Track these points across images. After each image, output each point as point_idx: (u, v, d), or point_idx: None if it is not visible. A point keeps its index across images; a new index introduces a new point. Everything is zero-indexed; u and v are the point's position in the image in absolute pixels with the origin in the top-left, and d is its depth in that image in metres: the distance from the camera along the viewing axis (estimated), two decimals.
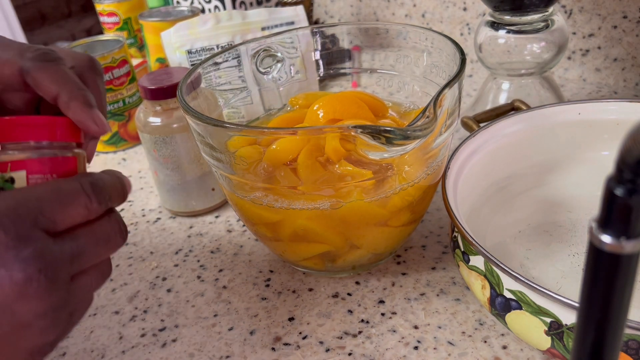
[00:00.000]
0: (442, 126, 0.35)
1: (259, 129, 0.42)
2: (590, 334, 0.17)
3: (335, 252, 0.39)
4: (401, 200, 0.37)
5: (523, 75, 0.56)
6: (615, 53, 0.65)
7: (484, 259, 0.32)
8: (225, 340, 0.38)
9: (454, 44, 0.39)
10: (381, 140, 0.30)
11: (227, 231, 0.50)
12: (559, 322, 0.29)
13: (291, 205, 0.36)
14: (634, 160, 0.14)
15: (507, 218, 0.43)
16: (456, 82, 0.35)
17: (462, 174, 0.40)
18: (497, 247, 0.40)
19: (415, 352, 0.36)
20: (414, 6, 0.77)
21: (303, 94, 0.49)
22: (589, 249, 0.16)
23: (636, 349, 0.27)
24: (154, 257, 0.48)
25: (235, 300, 0.42)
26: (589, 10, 0.64)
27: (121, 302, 0.43)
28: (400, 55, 0.46)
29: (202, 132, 0.36)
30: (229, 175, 0.37)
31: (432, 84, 0.44)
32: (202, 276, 0.45)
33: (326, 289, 0.42)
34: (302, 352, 0.37)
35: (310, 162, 0.36)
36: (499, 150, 0.43)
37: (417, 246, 0.45)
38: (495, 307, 0.33)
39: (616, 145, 0.14)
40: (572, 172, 0.45)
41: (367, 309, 0.39)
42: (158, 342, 0.39)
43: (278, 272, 0.44)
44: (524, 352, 0.35)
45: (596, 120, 0.44)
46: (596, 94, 0.65)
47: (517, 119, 0.44)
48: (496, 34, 0.55)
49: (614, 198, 0.14)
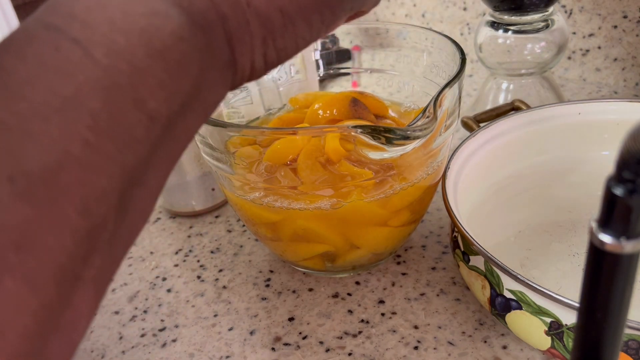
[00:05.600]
0: (442, 126, 0.35)
1: (259, 129, 0.42)
2: (590, 334, 0.17)
3: (335, 252, 0.39)
4: (401, 200, 0.37)
5: (523, 75, 0.56)
6: (615, 53, 0.65)
7: (484, 259, 0.32)
8: (225, 340, 0.38)
9: (454, 44, 0.39)
10: (381, 140, 0.30)
11: (227, 231, 0.50)
12: (559, 322, 0.29)
13: (291, 205, 0.36)
14: (634, 160, 0.14)
15: (507, 218, 0.43)
16: (456, 82, 0.35)
17: (462, 174, 0.40)
18: (497, 247, 0.40)
19: (416, 352, 0.36)
20: (414, 6, 0.77)
21: (303, 94, 0.49)
22: (589, 249, 0.16)
23: (636, 349, 0.27)
24: (154, 257, 0.48)
25: (235, 300, 0.42)
26: (589, 10, 0.64)
27: (121, 302, 0.43)
28: (400, 55, 0.46)
29: (202, 132, 0.36)
30: (229, 175, 0.37)
31: (432, 84, 0.44)
32: (202, 276, 0.45)
33: (326, 289, 0.42)
34: (302, 352, 0.37)
35: (310, 162, 0.36)
36: (499, 150, 0.43)
37: (417, 246, 0.45)
38: (495, 307, 0.33)
39: (616, 145, 0.14)
40: (572, 172, 0.45)
41: (367, 309, 0.39)
42: (158, 342, 0.39)
43: (278, 272, 0.44)
44: (524, 352, 0.35)
45: (596, 120, 0.44)
46: (596, 94, 0.65)
47: (517, 119, 0.44)
48: (496, 34, 0.55)
49: (614, 198, 0.14)
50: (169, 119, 0.18)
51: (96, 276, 0.17)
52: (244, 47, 0.22)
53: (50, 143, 0.15)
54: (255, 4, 0.22)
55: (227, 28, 0.21)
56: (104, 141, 0.16)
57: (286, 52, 0.24)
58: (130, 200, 0.18)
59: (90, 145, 0.16)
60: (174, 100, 0.19)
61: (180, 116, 0.19)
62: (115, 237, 0.17)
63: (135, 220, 0.19)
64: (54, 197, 0.15)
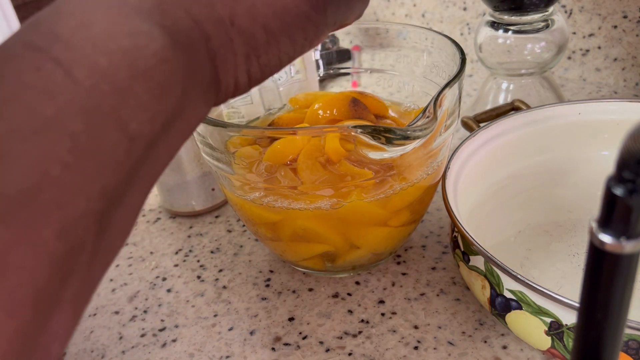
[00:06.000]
0: (442, 126, 0.35)
1: (259, 129, 0.42)
2: (590, 334, 0.17)
3: (335, 252, 0.39)
4: (401, 200, 0.37)
5: (523, 75, 0.56)
6: (615, 53, 0.65)
7: (484, 259, 0.32)
8: (225, 340, 0.38)
9: (454, 44, 0.39)
10: (381, 140, 0.30)
11: (227, 231, 0.50)
12: (559, 322, 0.29)
13: (291, 205, 0.36)
14: (634, 160, 0.14)
15: (507, 218, 0.43)
16: (456, 82, 0.35)
17: (462, 174, 0.40)
18: (497, 247, 0.40)
19: (416, 352, 0.36)
20: (414, 6, 0.77)
21: (303, 94, 0.49)
22: (589, 249, 0.16)
23: (636, 349, 0.27)
24: (154, 257, 0.48)
25: (235, 300, 0.42)
26: (589, 10, 0.64)
27: (121, 302, 0.43)
28: (400, 55, 0.46)
29: (202, 132, 0.36)
30: (229, 175, 0.37)
31: (432, 84, 0.44)
32: (202, 276, 0.45)
33: (326, 289, 0.42)
34: (302, 352, 0.37)
35: (310, 162, 0.36)
36: (499, 150, 0.43)
37: (417, 246, 0.45)
38: (495, 307, 0.33)
39: (616, 145, 0.14)
40: (572, 172, 0.45)
41: (367, 309, 0.39)
42: (158, 342, 0.39)
43: (278, 272, 0.44)
44: (524, 352, 0.35)
45: (596, 120, 0.44)
46: (596, 94, 0.65)
47: (517, 119, 0.44)
48: (496, 34, 0.55)
49: (614, 198, 0.14)
50: (150, 139, 0.18)
51: (74, 298, 0.17)
52: (228, 65, 0.22)
53: (29, 164, 0.15)
54: (239, 22, 0.22)
55: (210, 47, 0.21)
56: (84, 163, 0.16)
57: (270, 68, 0.24)
58: (110, 221, 0.17)
59: (70, 167, 0.16)
60: (156, 121, 0.18)
61: (162, 136, 0.19)
62: (93, 258, 0.17)
63: (114, 240, 0.18)
64: (31, 220, 0.15)
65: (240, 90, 0.23)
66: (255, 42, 0.22)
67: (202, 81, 0.21)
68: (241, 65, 0.22)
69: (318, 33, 0.25)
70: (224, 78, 0.22)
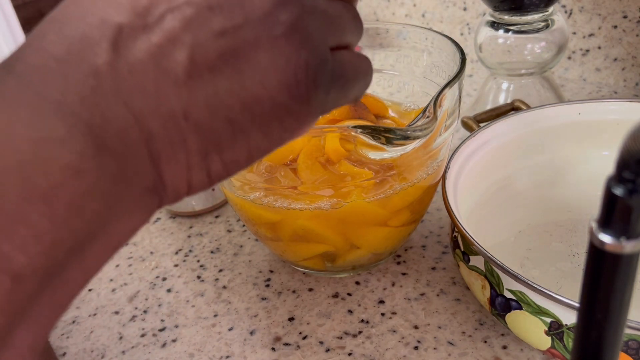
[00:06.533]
0: (442, 126, 0.35)
1: None
2: (590, 334, 0.17)
3: (335, 252, 0.39)
4: (401, 200, 0.37)
5: (523, 75, 0.56)
6: (615, 53, 0.65)
7: (484, 259, 0.32)
8: (225, 340, 0.38)
9: (454, 44, 0.39)
10: (381, 140, 0.30)
11: (227, 231, 0.50)
12: (559, 322, 0.29)
13: (291, 206, 0.36)
14: (634, 160, 0.14)
15: (507, 218, 0.43)
16: (456, 82, 0.35)
17: (462, 174, 0.40)
18: (497, 247, 0.40)
19: (416, 352, 0.36)
20: (414, 6, 0.77)
21: None
22: (589, 249, 0.16)
23: (636, 349, 0.27)
24: (154, 257, 0.48)
25: (235, 300, 0.42)
26: (589, 10, 0.64)
27: (121, 302, 0.43)
28: (400, 55, 0.46)
29: None
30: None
31: (432, 84, 0.44)
32: (202, 276, 0.45)
33: (326, 289, 0.42)
34: (302, 352, 0.37)
35: (310, 162, 0.36)
36: (499, 150, 0.43)
37: (417, 246, 0.45)
38: (495, 307, 0.33)
39: (616, 145, 0.14)
40: (572, 172, 0.45)
41: (367, 309, 0.39)
42: (158, 342, 0.39)
43: (278, 272, 0.44)
44: (524, 352, 0.35)
45: (596, 120, 0.44)
46: (596, 94, 0.65)
47: (517, 118, 0.44)
48: (496, 34, 0.55)
49: (614, 198, 0.14)
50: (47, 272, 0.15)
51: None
52: (177, 167, 0.18)
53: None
54: (195, 115, 0.18)
55: (153, 148, 0.18)
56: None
57: (238, 164, 0.20)
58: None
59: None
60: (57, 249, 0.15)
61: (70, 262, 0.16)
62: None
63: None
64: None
65: (197, 189, 0.20)
66: (216, 138, 0.19)
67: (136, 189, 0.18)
68: (196, 165, 0.19)
69: (301, 124, 0.21)
70: (170, 181, 0.19)
